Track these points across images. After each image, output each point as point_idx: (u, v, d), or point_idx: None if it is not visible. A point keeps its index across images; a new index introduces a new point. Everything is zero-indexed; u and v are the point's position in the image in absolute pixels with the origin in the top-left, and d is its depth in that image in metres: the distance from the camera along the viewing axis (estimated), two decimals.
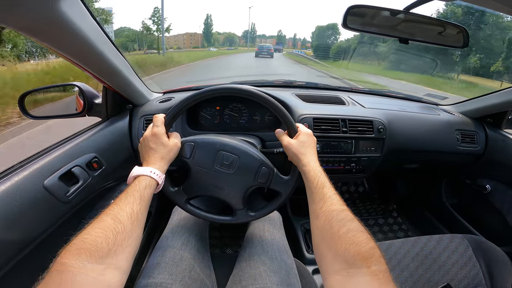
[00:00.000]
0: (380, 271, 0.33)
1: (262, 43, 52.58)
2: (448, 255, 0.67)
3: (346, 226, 0.39)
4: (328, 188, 0.46)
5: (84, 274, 0.30)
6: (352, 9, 0.50)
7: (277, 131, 0.59)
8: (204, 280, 0.56)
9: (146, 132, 0.53)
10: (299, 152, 0.52)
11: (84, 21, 0.48)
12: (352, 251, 0.35)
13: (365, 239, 0.37)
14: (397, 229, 1.34)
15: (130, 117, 0.82)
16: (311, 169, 0.49)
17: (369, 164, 0.91)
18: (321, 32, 49.10)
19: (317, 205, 0.44)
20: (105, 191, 0.77)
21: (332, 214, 0.41)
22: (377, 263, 0.34)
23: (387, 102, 1.06)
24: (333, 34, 47.49)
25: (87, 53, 0.54)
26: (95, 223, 0.36)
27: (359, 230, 0.38)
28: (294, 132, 0.56)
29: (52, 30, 0.44)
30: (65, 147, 0.63)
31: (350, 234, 0.37)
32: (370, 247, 0.36)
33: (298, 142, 0.53)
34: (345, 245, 0.36)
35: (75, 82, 0.74)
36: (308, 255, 1.03)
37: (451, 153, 0.98)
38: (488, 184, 1.05)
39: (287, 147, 0.54)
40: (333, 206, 0.42)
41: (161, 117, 0.54)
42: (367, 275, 0.33)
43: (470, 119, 1.04)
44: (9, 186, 0.49)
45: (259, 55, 19.82)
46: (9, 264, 0.48)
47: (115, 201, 0.41)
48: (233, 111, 0.91)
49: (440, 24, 0.55)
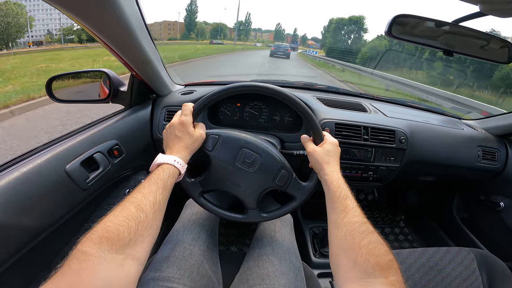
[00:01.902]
0: (397, 281, 0.34)
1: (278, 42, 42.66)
2: (453, 267, 0.67)
3: (368, 238, 0.39)
4: (351, 200, 0.46)
5: (104, 264, 0.30)
6: (398, 18, 0.49)
7: (302, 137, 0.59)
8: (211, 276, 0.56)
9: (173, 119, 0.52)
10: (323, 160, 0.51)
11: (130, 4, 0.47)
12: (372, 261, 0.36)
13: (385, 252, 0.38)
14: (402, 239, 1.33)
15: (152, 107, 0.82)
16: (334, 179, 0.49)
17: (387, 174, 0.90)
18: (339, 28, 33.72)
19: (338, 215, 0.44)
20: (121, 180, 0.77)
21: (354, 226, 0.41)
22: (395, 274, 0.35)
23: (409, 113, 1.04)
24: (357, 31, 33.21)
25: (126, 38, 0.53)
26: (118, 210, 0.36)
27: (379, 242, 0.39)
28: (320, 139, 0.55)
29: (97, 11, 0.43)
30: (88, 133, 0.63)
31: (371, 246, 0.38)
32: (389, 259, 0.37)
33: (323, 150, 0.53)
34: (365, 256, 0.37)
35: (102, 69, 0.73)
36: (314, 259, 1.03)
37: (470, 169, 0.97)
38: (502, 201, 1.03)
39: (311, 154, 0.53)
40: (355, 218, 0.43)
41: (190, 106, 0.53)
42: (385, 284, 0.34)
43: (493, 135, 1.02)
44: (31, 168, 0.48)
45: (274, 54, 17.85)
46: (22, 250, 0.47)
47: (138, 188, 0.40)
48: (254, 109, 0.91)
49: (485, 37, 0.54)
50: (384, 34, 0.49)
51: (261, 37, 72.14)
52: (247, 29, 64.28)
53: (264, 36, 73.40)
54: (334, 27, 34.60)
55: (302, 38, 73.90)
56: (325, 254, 1.03)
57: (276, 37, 71.03)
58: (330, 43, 33.96)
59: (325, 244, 1.06)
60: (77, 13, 0.43)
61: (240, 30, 61.52)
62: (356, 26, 32.89)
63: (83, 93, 0.84)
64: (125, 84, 0.77)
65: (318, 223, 1.15)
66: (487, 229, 1.09)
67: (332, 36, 35.16)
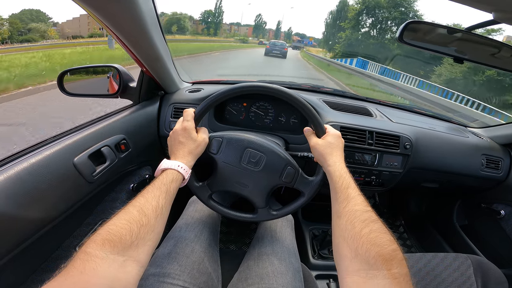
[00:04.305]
0: (400, 274, 0.32)
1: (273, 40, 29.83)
2: (449, 273, 0.67)
3: (369, 227, 0.38)
4: (353, 189, 0.45)
5: (106, 264, 0.31)
6: (410, 24, 0.49)
7: (305, 129, 0.59)
8: (211, 274, 0.57)
9: (176, 126, 0.53)
10: (326, 152, 0.52)
11: (146, 3, 0.48)
12: (374, 252, 0.35)
13: (387, 241, 0.36)
14: (401, 244, 1.33)
15: (160, 103, 0.83)
16: (336, 170, 0.49)
17: (390, 179, 0.90)
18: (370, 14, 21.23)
19: (340, 205, 0.44)
20: (125, 174, 0.78)
21: (356, 214, 0.40)
22: (398, 266, 0.33)
23: (415, 119, 1.04)
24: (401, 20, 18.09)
25: (140, 35, 0.54)
26: (122, 214, 0.37)
27: (382, 231, 0.37)
28: (322, 132, 0.55)
29: (115, 7, 0.44)
30: (97, 126, 0.64)
31: (373, 235, 0.37)
32: (392, 249, 0.35)
33: (325, 143, 0.53)
34: (366, 246, 0.36)
35: (113, 64, 0.74)
36: (313, 260, 1.04)
37: (473, 177, 0.96)
38: (503, 210, 1.03)
39: (314, 147, 0.54)
40: (356, 206, 0.42)
41: (191, 111, 0.54)
42: (387, 278, 0.32)
43: (498, 144, 1.01)
44: (39, 160, 0.49)
45: (269, 53, 16.50)
46: (26, 241, 0.47)
47: (142, 192, 0.41)
48: (259, 110, 0.91)
49: (496, 45, 0.53)
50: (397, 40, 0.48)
51: (238, 31, 58.88)
52: (217, 22, 48.48)
53: (241, 30, 60.36)
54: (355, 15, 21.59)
55: (286, 34, 65.91)
56: (324, 256, 1.04)
57: (255, 31, 59.60)
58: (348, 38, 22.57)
59: (324, 246, 1.07)
60: (96, 8, 0.43)
61: (208, 22, 47.61)
62: (403, 13, 18.97)
63: (93, 88, 0.85)
64: (135, 80, 0.77)
65: (318, 225, 1.15)
66: (486, 237, 1.09)
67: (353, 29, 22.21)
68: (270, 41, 20.05)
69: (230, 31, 57.69)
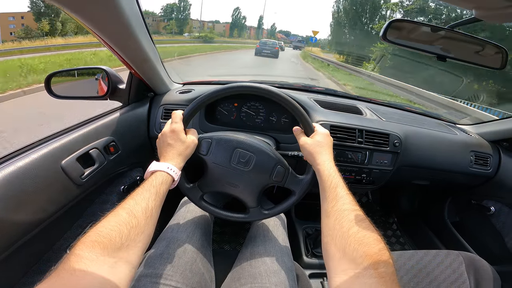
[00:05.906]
0: (387, 273, 0.33)
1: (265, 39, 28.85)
2: (442, 270, 0.68)
3: (356, 226, 0.38)
4: (341, 188, 0.46)
5: (96, 265, 0.31)
6: (393, 23, 0.49)
7: (295, 129, 0.59)
8: (204, 274, 0.57)
9: (164, 128, 0.54)
10: (315, 151, 0.52)
11: (129, 3, 0.47)
12: (361, 251, 0.35)
13: (374, 240, 0.36)
14: (394, 241, 1.35)
15: (150, 104, 0.82)
16: (325, 169, 0.49)
17: (380, 177, 0.91)
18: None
19: (329, 204, 0.44)
20: (116, 176, 0.77)
21: (344, 214, 0.41)
22: (385, 265, 0.33)
23: (405, 116, 1.05)
24: None
25: (126, 37, 0.53)
26: (111, 216, 0.37)
27: (369, 230, 0.38)
28: (311, 131, 0.56)
29: (97, 9, 0.43)
30: (85, 129, 0.64)
31: (360, 234, 0.37)
32: (379, 249, 0.35)
33: (314, 141, 0.53)
34: (353, 245, 0.36)
35: (102, 66, 0.74)
36: (306, 259, 1.04)
37: (462, 173, 0.98)
38: (493, 206, 1.05)
39: (303, 146, 0.54)
40: (345, 206, 0.42)
41: (180, 113, 0.54)
42: (373, 277, 0.32)
43: (487, 141, 1.03)
44: (27, 163, 0.49)
45: (259, 53, 15.53)
46: (15, 244, 0.47)
47: (131, 195, 0.41)
48: (250, 110, 0.91)
49: (480, 43, 0.54)
50: (381, 38, 0.49)
51: (213, 28, 51.68)
52: (183, 17, 39.27)
53: (217, 27, 52.91)
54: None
55: (270, 31, 61.20)
56: (317, 254, 1.04)
57: (232, 28, 53.04)
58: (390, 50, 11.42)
59: (318, 244, 1.07)
60: (76, 11, 0.43)
61: (171, 18, 39.37)
62: None
63: (81, 90, 0.84)
64: (124, 81, 0.77)
65: (311, 223, 1.16)
66: (477, 233, 1.11)
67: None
68: (260, 40, 19.30)
69: (203, 28, 47.92)
